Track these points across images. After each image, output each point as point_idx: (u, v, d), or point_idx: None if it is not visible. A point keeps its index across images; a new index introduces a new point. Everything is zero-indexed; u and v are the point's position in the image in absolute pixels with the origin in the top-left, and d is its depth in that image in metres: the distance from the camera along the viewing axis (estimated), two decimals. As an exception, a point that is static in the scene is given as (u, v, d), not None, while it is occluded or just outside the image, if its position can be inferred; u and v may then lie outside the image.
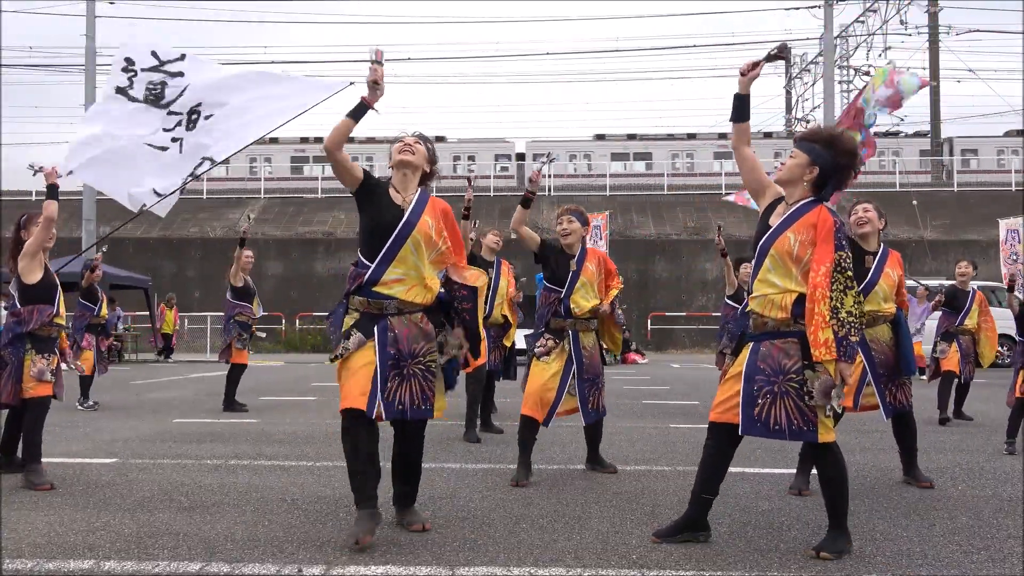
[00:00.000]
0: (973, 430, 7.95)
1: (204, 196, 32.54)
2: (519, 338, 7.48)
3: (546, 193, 31.98)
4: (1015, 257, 19.20)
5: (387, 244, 3.93)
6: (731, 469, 4.63)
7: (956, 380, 8.91)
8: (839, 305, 3.56)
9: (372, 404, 3.86)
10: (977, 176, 33.38)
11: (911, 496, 5.04)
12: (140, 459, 6.14)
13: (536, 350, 5.55)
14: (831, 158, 3.80)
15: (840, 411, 3.79)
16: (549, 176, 32.64)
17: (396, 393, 3.92)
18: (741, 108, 3.98)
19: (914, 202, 27.41)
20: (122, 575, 3.47)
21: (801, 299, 3.70)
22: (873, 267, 5.28)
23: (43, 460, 5.29)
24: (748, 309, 3.91)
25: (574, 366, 5.49)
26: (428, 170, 4.20)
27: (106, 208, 24.70)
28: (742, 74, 3.98)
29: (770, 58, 4.04)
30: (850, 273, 3.61)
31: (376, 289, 3.94)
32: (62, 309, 5.61)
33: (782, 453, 6.27)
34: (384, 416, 3.90)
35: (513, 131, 47.81)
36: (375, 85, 3.95)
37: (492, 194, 32.40)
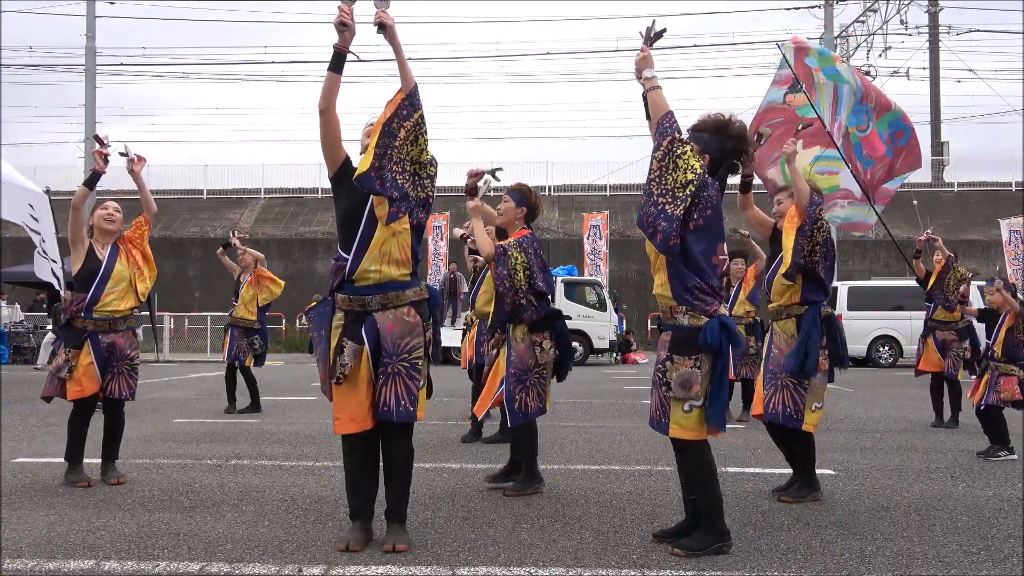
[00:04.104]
0: (973, 430, 7.93)
1: (204, 196, 32.53)
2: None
3: (546, 193, 31.95)
4: (1020, 257, 19.21)
5: (359, 230, 3.75)
6: (731, 469, 4.64)
7: (942, 378, 8.44)
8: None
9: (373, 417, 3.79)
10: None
11: (911, 496, 5.04)
12: (140, 459, 6.14)
13: (490, 356, 5.27)
14: (719, 144, 3.88)
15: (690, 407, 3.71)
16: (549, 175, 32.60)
17: (381, 393, 3.75)
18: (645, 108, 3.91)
19: (914, 202, 27.39)
20: (122, 575, 3.47)
21: (675, 290, 3.77)
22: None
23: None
24: None
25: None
26: None
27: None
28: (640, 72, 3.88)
29: (650, 39, 3.90)
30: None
31: (358, 284, 3.77)
32: (114, 298, 5.20)
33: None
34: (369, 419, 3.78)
35: (513, 131, 47.56)
36: (342, 27, 3.68)
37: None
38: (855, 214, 6.93)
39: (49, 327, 18.16)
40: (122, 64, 29.52)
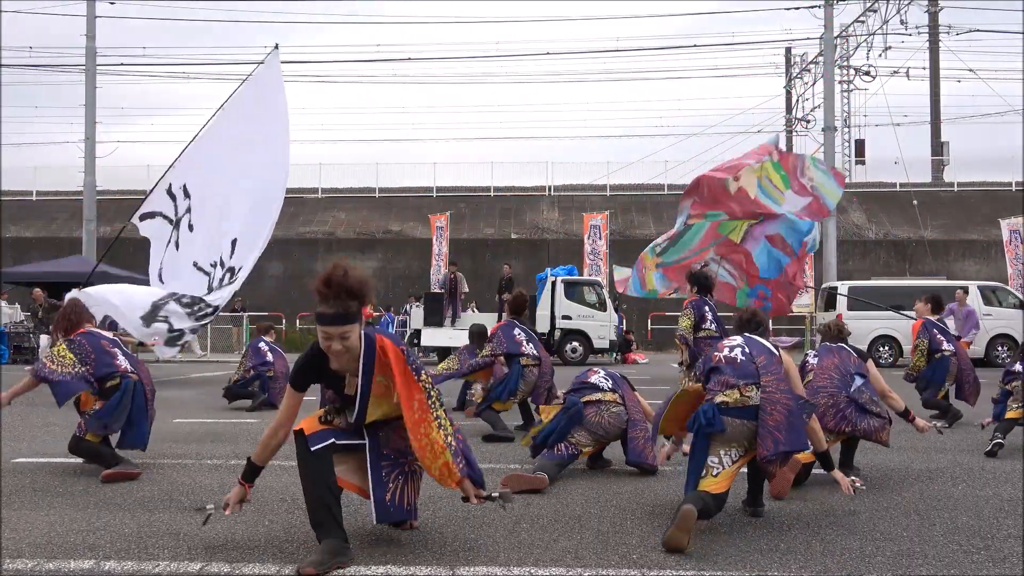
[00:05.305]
0: (974, 430, 7.93)
1: (204, 196, 32.50)
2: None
3: (546, 193, 31.97)
4: (1020, 257, 19.21)
5: (355, 411, 3.73)
6: (731, 469, 4.66)
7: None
8: None
9: (335, 436, 3.75)
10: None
11: (911, 496, 5.04)
12: (140, 459, 6.13)
13: None
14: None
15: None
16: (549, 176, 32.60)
17: (403, 491, 3.76)
18: None
19: (914, 202, 27.39)
20: (122, 575, 3.48)
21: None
22: None
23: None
24: None
25: None
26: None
27: (106, 209, 24.70)
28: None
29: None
30: None
31: None
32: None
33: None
34: (391, 518, 3.77)
35: (513, 131, 47.67)
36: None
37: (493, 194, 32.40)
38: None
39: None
40: (122, 64, 29.57)
